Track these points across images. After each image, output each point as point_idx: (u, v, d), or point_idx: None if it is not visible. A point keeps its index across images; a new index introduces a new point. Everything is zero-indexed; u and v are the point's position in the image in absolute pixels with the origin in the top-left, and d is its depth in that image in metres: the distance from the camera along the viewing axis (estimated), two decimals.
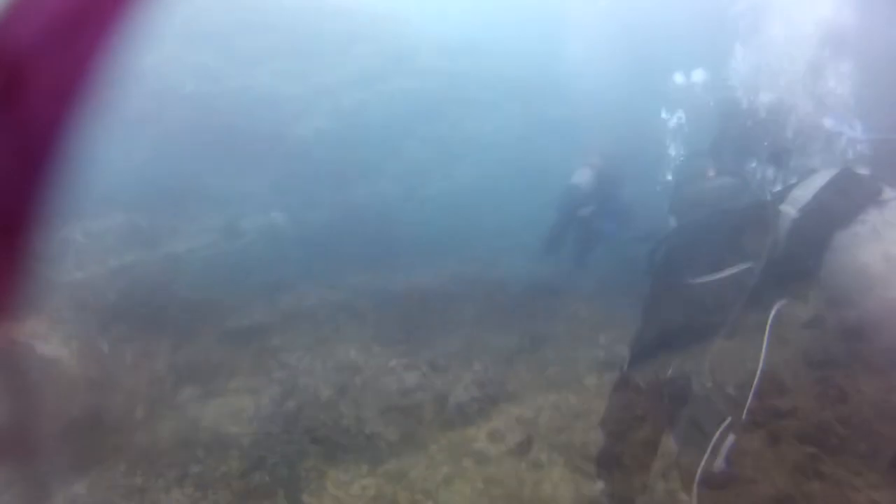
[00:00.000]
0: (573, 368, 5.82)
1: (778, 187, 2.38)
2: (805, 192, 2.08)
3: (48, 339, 4.88)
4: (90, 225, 5.75)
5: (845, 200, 1.91)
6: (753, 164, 4.61)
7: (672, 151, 6.29)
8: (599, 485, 2.51)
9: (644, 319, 2.59)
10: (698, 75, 7.10)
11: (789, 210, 2.06)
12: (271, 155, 7.02)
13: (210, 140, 6.53)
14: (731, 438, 1.93)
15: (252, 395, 5.09)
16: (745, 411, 1.94)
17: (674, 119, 7.20)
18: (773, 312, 1.97)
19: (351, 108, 7.69)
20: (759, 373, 1.91)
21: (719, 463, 1.92)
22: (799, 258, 1.99)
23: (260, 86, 7.25)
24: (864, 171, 2.07)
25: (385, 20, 10.14)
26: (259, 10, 7.81)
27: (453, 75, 9.42)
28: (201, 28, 7.06)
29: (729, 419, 1.96)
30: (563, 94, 11.45)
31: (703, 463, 2.00)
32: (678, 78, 7.72)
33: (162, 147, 6.76)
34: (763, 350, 1.91)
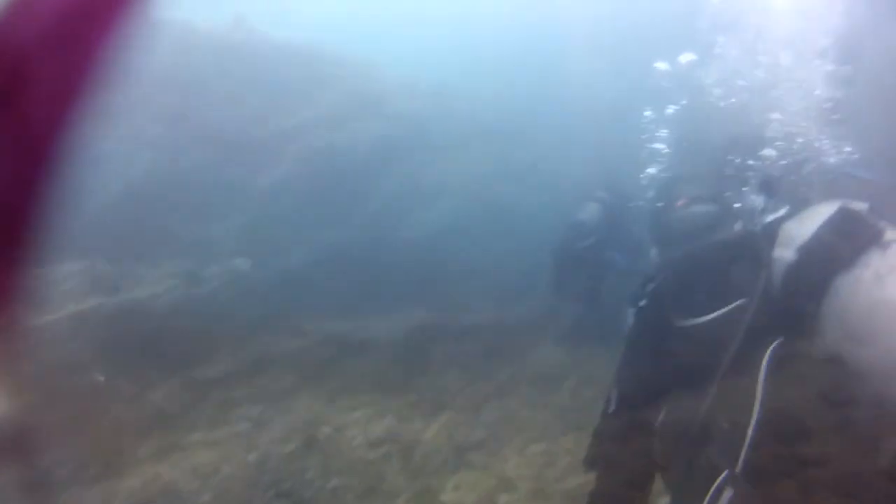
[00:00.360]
0: (541, 415, 5.86)
1: (768, 218, 2.28)
2: (802, 231, 1.99)
3: None
4: (47, 270, 5.64)
5: (846, 242, 1.86)
6: (738, 191, 4.65)
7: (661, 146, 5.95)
8: None
9: (631, 362, 2.42)
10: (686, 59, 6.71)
11: (785, 252, 1.99)
12: (238, 200, 7.01)
13: (175, 184, 6.51)
14: (728, 494, 1.90)
15: (214, 448, 4.99)
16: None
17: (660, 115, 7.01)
18: (768, 354, 1.93)
19: (319, 152, 7.74)
20: (754, 418, 1.90)
21: None
22: (796, 302, 1.94)
23: (226, 129, 7.28)
24: (862, 206, 1.97)
25: (351, 64, 10.32)
26: (225, 52, 7.89)
27: (420, 119, 9.57)
28: (167, 71, 7.09)
29: (725, 473, 1.93)
30: (532, 138, 11.74)
31: None
32: (661, 65, 7.41)
33: (125, 191, 6.70)
34: (759, 391, 1.89)
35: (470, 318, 7.37)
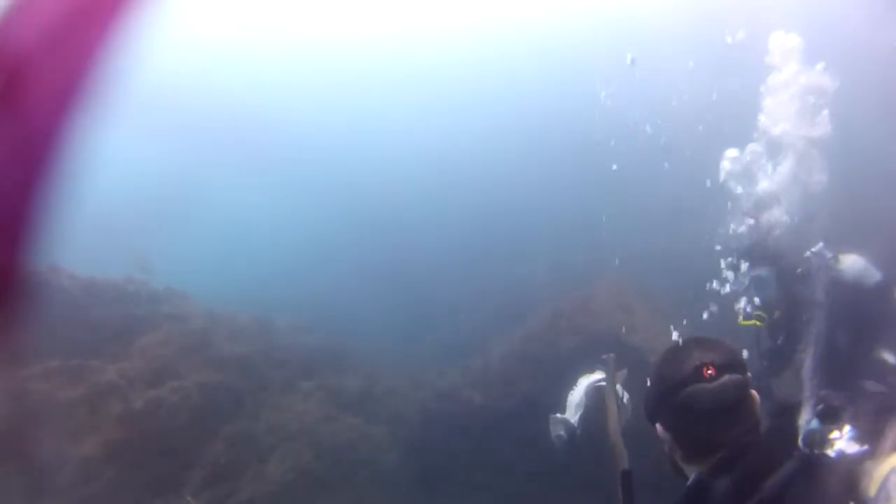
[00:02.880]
0: None
1: (832, 448, 1.95)
2: None
3: None
4: None
5: None
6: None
7: None
8: None
9: None
10: None
11: None
12: (49, 477, 6.16)
13: None
14: None
15: None
16: None
17: None
18: None
19: (143, 411, 7.21)
20: None
21: None
22: None
23: (37, 390, 6.56)
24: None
25: (166, 301, 10.04)
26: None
27: (246, 359, 9.43)
28: None
29: None
30: (355, 365, 11.99)
31: None
32: None
33: None
34: None
35: None
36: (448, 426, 9.84)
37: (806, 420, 2.02)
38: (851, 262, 5.04)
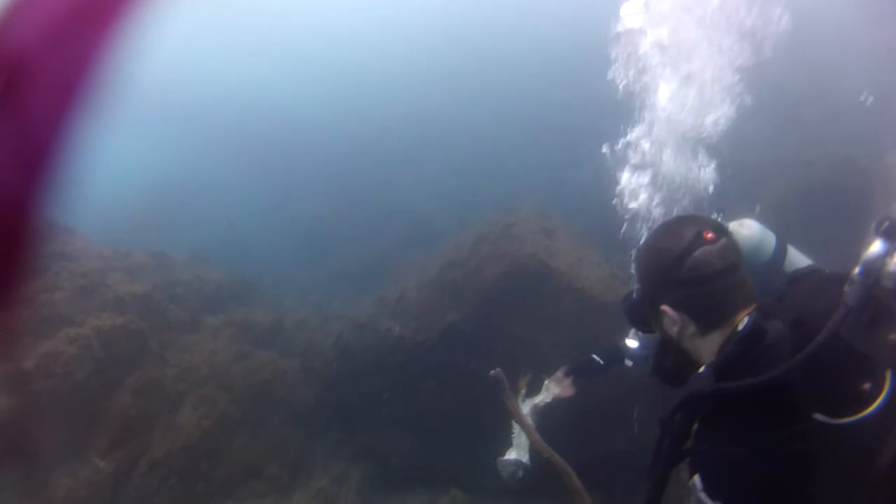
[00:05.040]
0: None
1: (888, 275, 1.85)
2: None
3: None
4: None
5: None
6: None
7: None
8: None
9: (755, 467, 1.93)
10: None
11: None
12: None
13: None
14: None
15: None
16: None
17: None
18: None
19: (37, 370, 6.55)
20: None
21: None
22: None
23: None
24: None
25: (52, 241, 9.07)
26: None
27: (148, 298, 8.80)
28: None
29: None
30: (260, 297, 11.51)
31: None
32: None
33: None
34: None
35: None
36: (365, 359, 9.62)
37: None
38: (749, 228, 4.97)
